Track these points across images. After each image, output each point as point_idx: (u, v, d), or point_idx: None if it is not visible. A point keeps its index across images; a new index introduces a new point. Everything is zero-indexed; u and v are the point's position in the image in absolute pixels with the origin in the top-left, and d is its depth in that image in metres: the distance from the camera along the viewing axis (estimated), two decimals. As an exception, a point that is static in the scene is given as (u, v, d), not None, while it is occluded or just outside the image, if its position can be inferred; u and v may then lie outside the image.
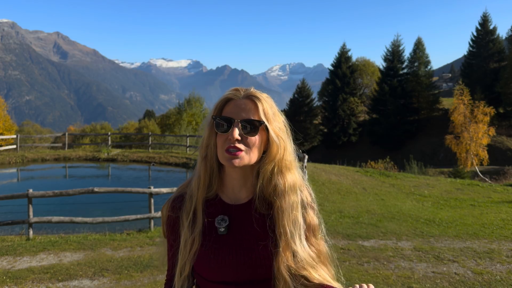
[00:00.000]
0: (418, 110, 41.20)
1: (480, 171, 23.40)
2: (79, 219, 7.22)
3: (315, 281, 1.03)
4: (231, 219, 1.08)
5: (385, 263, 5.29)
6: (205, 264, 1.05)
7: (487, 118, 23.61)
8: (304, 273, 1.02)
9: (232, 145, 1.01)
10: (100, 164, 17.43)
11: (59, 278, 4.83)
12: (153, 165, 17.08)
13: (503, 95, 37.11)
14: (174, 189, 7.95)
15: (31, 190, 6.99)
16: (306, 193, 1.12)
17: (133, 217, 7.50)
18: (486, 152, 23.49)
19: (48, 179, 14.73)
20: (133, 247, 6.21)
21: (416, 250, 5.90)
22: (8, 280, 4.74)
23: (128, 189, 7.78)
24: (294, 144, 1.13)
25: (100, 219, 7.33)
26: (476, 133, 23.31)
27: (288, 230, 1.04)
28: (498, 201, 10.79)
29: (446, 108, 37.44)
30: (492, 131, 23.66)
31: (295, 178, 1.09)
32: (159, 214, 7.66)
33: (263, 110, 1.04)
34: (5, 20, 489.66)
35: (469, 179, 18.40)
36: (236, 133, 1.01)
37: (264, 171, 1.05)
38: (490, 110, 23.76)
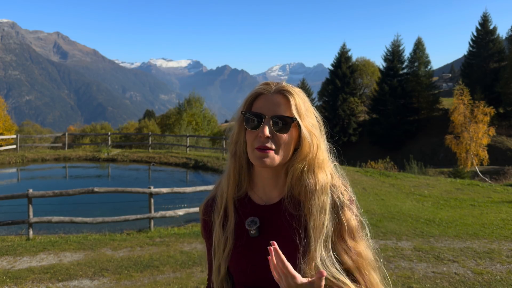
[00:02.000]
0: (418, 110, 41.20)
1: (480, 171, 23.40)
2: (79, 219, 7.22)
3: None
4: (262, 221, 1.04)
5: (385, 263, 5.29)
6: (237, 267, 1.02)
7: (487, 118, 23.60)
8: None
9: (262, 144, 0.96)
10: (100, 164, 17.43)
11: (59, 278, 4.83)
12: (153, 165, 17.07)
13: (503, 95, 37.10)
14: (175, 189, 8.00)
15: (31, 190, 6.99)
16: (338, 193, 1.04)
17: (133, 217, 7.50)
18: (486, 152, 23.48)
19: (48, 179, 14.72)
20: (133, 247, 6.21)
21: (416, 250, 5.90)
22: (8, 280, 4.74)
23: (128, 189, 7.78)
24: (328, 142, 1.07)
25: (100, 219, 7.33)
26: (476, 133, 23.30)
27: (311, 235, 0.98)
28: (498, 201, 10.79)
29: (446, 108, 37.45)
30: (492, 131, 23.66)
31: (326, 178, 1.03)
32: (159, 214, 7.66)
33: (296, 105, 0.98)
34: (5, 20, 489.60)
35: (469, 179, 18.40)
36: (267, 130, 0.96)
37: (293, 169, 1.00)
38: (490, 110, 23.75)
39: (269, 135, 0.96)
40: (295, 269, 0.94)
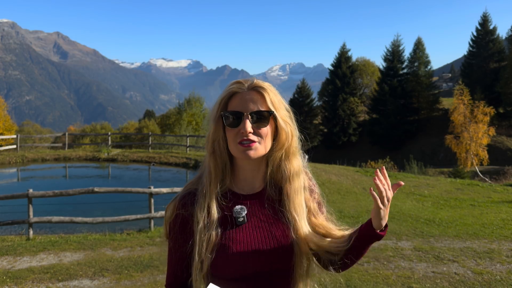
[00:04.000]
0: (418, 110, 41.20)
1: (480, 171, 23.40)
2: (79, 219, 7.22)
3: (336, 236, 1.12)
4: (248, 209, 1.09)
5: (385, 263, 5.29)
6: (225, 259, 1.03)
7: (487, 118, 23.60)
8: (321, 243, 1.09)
9: (246, 138, 1.02)
10: (100, 164, 17.43)
11: (59, 278, 4.83)
12: (153, 165, 17.08)
13: (503, 95, 37.11)
14: (175, 189, 7.98)
15: (31, 190, 6.99)
16: (304, 176, 1.15)
17: (133, 217, 7.50)
18: (486, 152, 23.48)
19: (48, 179, 14.72)
20: (133, 247, 6.21)
21: (416, 250, 5.90)
22: (8, 280, 4.74)
23: (128, 189, 7.77)
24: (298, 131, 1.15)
25: (100, 219, 7.33)
26: (476, 133, 23.30)
27: (295, 215, 1.08)
28: (498, 201, 10.79)
29: (446, 108, 37.45)
30: (492, 131, 23.66)
31: (299, 163, 1.13)
32: (159, 214, 7.66)
33: (270, 99, 1.05)
34: (5, 20, 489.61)
35: (469, 179, 18.40)
36: (248, 126, 1.01)
37: (273, 158, 1.08)
38: (490, 110, 23.76)
39: (251, 130, 1.02)
40: (288, 244, 1.06)
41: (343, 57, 45.40)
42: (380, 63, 61.59)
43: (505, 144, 33.32)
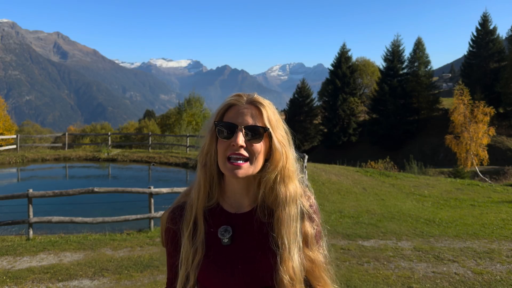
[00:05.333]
0: (418, 110, 41.18)
1: (480, 171, 23.40)
2: (79, 219, 7.22)
3: None
4: (234, 229, 1.05)
5: (385, 263, 5.29)
6: (209, 276, 1.02)
7: (487, 118, 23.61)
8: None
9: (236, 152, 0.97)
10: (100, 164, 17.42)
11: (59, 278, 4.83)
12: (153, 165, 17.07)
13: (503, 95, 37.10)
14: (175, 189, 7.98)
15: (31, 190, 6.99)
16: (304, 201, 1.08)
17: (133, 217, 7.50)
18: (486, 152, 23.49)
19: (48, 179, 14.72)
20: (133, 247, 6.21)
21: (416, 250, 5.90)
22: (8, 280, 4.74)
23: (128, 189, 7.78)
24: (296, 153, 1.09)
25: (100, 219, 7.33)
26: (476, 133, 23.31)
27: (286, 242, 1.01)
28: (498, 201, 10.79)
29: (446, 108, 37.44)
30: (492, 131, 23.66)
31: (296, 188, 1.06)
32: (159, 214, 7.66)
33: (268, 116, 1.01)
34: (5, 20, 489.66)
35: (469, 179, 18.40)
36: (240, 139, 0.97)
37: (266, 180, 1.02)
38: (490, 110, 23.76)
39: (243, 144, 0.98)
40: (271, 275, 0.99)
41: (343, 57, 45.39)
42: (380, 63, 61.68)
43: (505, 144, 33.32)
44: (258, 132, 0.99)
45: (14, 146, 17.93)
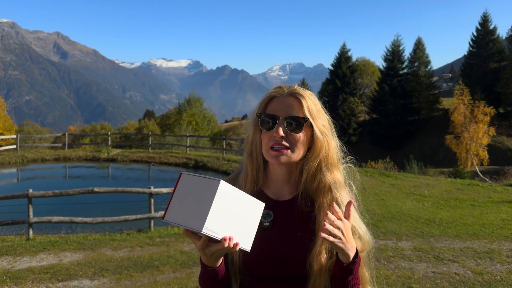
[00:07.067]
0: (418, 110, 41.18)
1: (480, 171, 23.39)
2: (79, 219, 7.22)
3: None
4: (275, 215, 1.09)
5: (385, 263, 5.29)
6: (250, 258, 1.06)
7: (487, 118, 23.60)
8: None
9: (278, 142, 1.03)
10: (100, 164, 17.42)
11: (59, 278, 4.83)
12: (153, 165, 17.07)
13: (503, 95, 37.10)
14: (174, 189, 7.98)
15: (31, 190, 6.99)
16: (342, 193, 1.09)
17: (133, 217, 7.50)
18: (486, 152, 23.48)
19: (48, 179, 14.72)
20: (133, 247, 6.21)
21: (416, 250, 5.90)
22: (8, 280, 4.74)
23: (128, 189, 7.77)
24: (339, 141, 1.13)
25: (100, 219, 7.33)
26: (476, 133, 23.30)
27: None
28: (498, 201, 10.78)
29: (446, 108, 37.44)
30: (492, 131, 23.66)
31: (340, 176, 1.10)
32: (159, 214, 7.66)
33: (308, 107, 1.05)
34: (5, 20, 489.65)
35: (469, 179, 18.39)
36: (281, 130, 1.02)
37: (308, 167, 1.07)
38: (490, 110, 23.75)
39: (284, 135, 1.03)
40: (305, 264, 1.02)
41: (343, 57, 45.39)
42: (380, 63, 61.61)
43: (505, 144, 33.31)
44: (298, 122, 1.04)
45: (14, 146, 17.93)
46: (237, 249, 0.89)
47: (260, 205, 0.96)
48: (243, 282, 1.09)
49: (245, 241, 0.92)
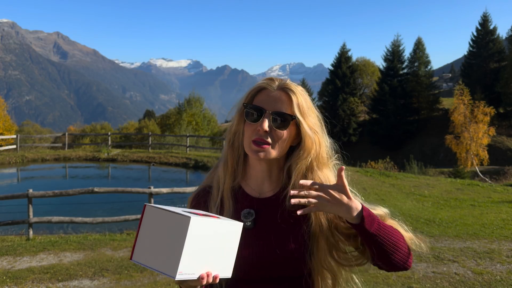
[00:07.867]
0: (418, 110, 41.19)
1: (480, 171, 23.38)
2: (79, 219, 7.22)
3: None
4: (257, 213, 1.04)
5: (385, 263, 5.28)
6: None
7: (487, 118, 23.59)
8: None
9: (260, 137, 0.98)
10: (100, 164, 17.42)
11: (59, 278, 4.83)
12: (153, 165, 17.07)
13: (503, 95, 37.10)
14: (175, 189, 7.98)
15: (31, 190, 6.99)
16: None
17: (133, 217, 7.50)
18: (486, 152, 23.48)
19: (48, 179, 14.72)
20: (133, 247, 6.20)
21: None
22: (8, 280, 4.74)
23: (128, 189, 7.77)
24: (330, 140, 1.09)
25: (100, 219, 7.33)
26: (476, 133, 23.30)
27: (325, 227, 1.02)
28: (498, 201, 10.78)
29: (446, 108, 37.43)
30: (492, 131, 23.65)
31: (331, 174, 1.07)
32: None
33: (298, 104, 1.00)
34: (5, 20, 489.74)
35: (469, 179, 18.39)
36: (266, 124, 0.97)
37: (299, 167, 1.02)
38: (490, 110, 23.75)
39: (267, 130, 0.97)
40: (291, 264, 1.00)
41: (343, 57, 45.38)
42: (380, 63, 61.59)
43: (505, 144, 33.31)
44: (285, 119, 0.99)
45: (14, 146, 17.93)
46: (217, 281, 0.83)
47: (238, 226, 0.89)
48: (228, 285, 1.05)
49: (225, 269, 0.85)
